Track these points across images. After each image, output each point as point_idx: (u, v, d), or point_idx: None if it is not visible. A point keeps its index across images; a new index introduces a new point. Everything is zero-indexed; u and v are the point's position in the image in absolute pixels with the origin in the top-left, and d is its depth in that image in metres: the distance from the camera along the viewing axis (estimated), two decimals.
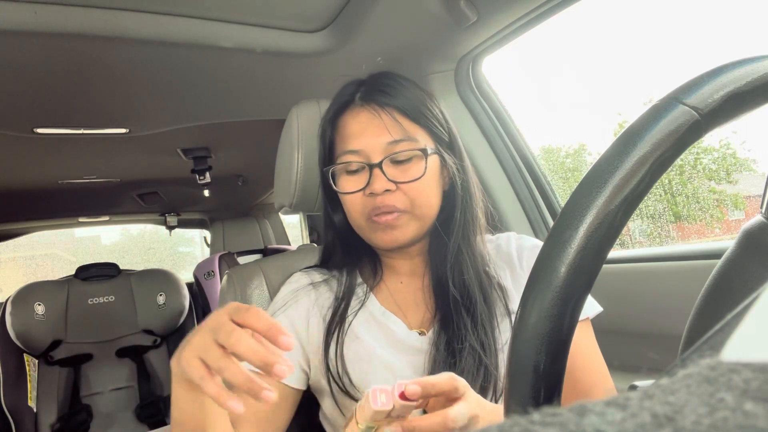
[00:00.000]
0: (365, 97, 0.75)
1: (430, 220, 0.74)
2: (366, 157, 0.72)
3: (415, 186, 0.71)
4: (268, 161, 1.14)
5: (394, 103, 0.73)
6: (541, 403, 0.31)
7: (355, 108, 0.75)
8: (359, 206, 0.73)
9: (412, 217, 0.71)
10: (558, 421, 0.11)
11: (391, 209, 0.70)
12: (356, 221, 0.75)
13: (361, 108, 0.75)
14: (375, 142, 0.72)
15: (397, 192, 0.71)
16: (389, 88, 0.74)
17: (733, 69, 0.32)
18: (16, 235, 2.94)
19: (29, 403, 2.07)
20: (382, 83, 0.76)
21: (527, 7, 0.94)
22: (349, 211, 0.75)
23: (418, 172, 0.71)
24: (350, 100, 0.77)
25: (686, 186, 1.56)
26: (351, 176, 0.74)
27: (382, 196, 0.70)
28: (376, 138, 0.72)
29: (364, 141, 0.72)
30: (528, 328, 0.31)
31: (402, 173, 0.71)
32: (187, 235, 4.04)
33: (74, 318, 2.30)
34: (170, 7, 0.95)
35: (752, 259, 0.44)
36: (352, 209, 0.74)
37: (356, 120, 0.74)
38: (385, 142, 0.71)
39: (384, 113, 0.73)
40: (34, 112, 1.29)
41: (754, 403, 0.11)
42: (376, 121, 0.73)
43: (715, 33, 1.42)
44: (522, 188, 1.21)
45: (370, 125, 0.73)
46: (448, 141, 0.77)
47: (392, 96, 0.73)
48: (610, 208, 0.30)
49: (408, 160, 0.71)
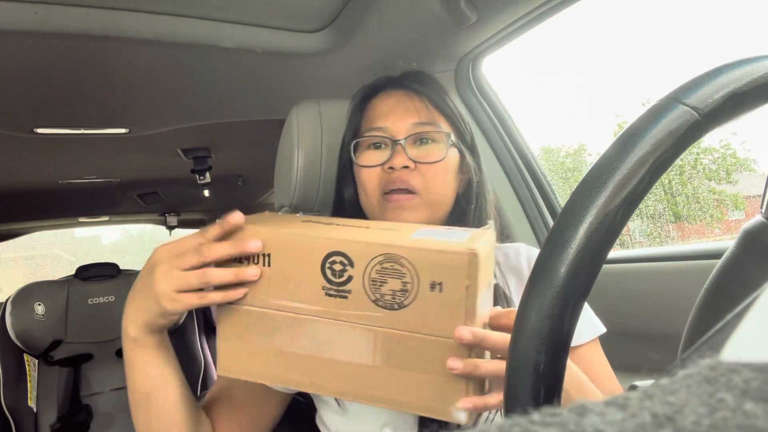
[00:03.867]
0: (396, 84, 0.78)
1: (440, 211, 0.74)
2: (391, 134, 0.73)
3: (433, 168, 0.71)
4: (268, 161, 1.14)
5: (425, 91, 0.75)
6: (541, 403, 0.31)
7: (387, 91, 0.78)
8: (375, 180, 0.73)
9: (423, 201, 0.71)
10: (558, 421, 0.11)
11: (406, 186, 0.70)
12: (369, 197, 0.74)
13: (392, 91, 0.77)
14: (401, 123, 0.73)
15: (415, 171, 0.71)
16: (421, 78, 0.77)
17: (733, 69, 0.32)
18: (16, 235, 2.94)
19: (29, 403, 2.07)
20: (413, 76, 0.79)
21: (527, 7, 0.94)
22: (364, 187, 0.75)
23: (438, 155, 0.72)
24: (382, 86, 0.79)
25: (686, 186, 1.56)
26: (373, 152, 0.74)
27: (399, 172, 0.71)
28: (403, 119, 0.73)
29: (390, 120, 0.74)
30: (528, 328, 0.31)
31: (422, 155, 0.72)
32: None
33: (74, 318, 2.30)
34: (170, 7, 0.94)
35: (752, 259, 0.44)
36: (368, 183, 0.74)
37: (385, 102, 0.76)
38: (411, 123, 0.73)
39: (415, 97, 0.75)
40: (34, 112, 1.29)
41: (754, 403, 0.11)
42: (406, 104, 0.74)
43: (715, 33, 1.42)
44: (522, 188, 1.21)
45: (399, 106, 0.74)
46: (469, 142, 0.78)
47: (424, 85, 0.76)
48: (610, 208, 0.30)
49: (431, 143, 0.73)
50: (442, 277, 0.50)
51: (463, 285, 0.49)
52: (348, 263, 0.53)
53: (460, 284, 0.49)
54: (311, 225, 0.58)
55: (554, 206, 1.19)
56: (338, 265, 0.53)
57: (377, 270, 0.52)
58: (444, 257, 0.50)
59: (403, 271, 0.51)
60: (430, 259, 0.50)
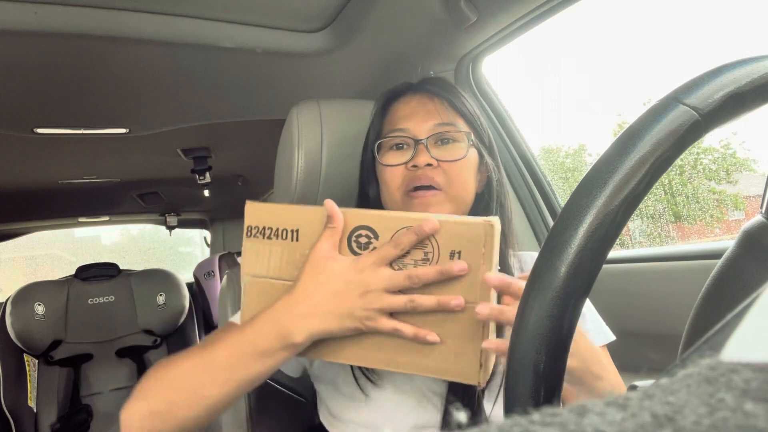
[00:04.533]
0: (418, 88, 0.80)
1: (463, 206, 0.75)
2: (413, 135, 0.75)
3: (455, 166, 0.73)
4: (268, 161, 1.14)
5: (446, 95, 0.77)
6: (541, 403, 0.31)
7: (408, 95, 0.80)
8: (399, 179, 0.74)
9: (447, 197, 0.73)
10: (558, 421, 0.11)
11: (430, 183, 0.72)
12: (393, 195, 0.75)
13: (413, 94, 0.79)
14: (423, 124, 0.75)
15: (438, 169, 0.73)
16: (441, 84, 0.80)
17: (733, 69, 0.32)
18: (16, 235, 2.94)
19: (29, 403, 2.07)
20: (432, 80, 0.81)
21: (527, 7, 0.94)
22: (387, 185, 0.76)
23: (460, 153, 0.74)
24: (403, 90, 0.81)
25: (686, 186, 1.56)
26: (395, 152, 0.76)
27: (423, 170, 0.72)
28: (425, 121, 0.75)
29: (413, 122, 0.75)
30: (528, 328, 0.31)
31: (444, 153, 0.74)
32: (187, 235, 4.03)
33: (74, 318, 2.30)
34: (170, 7, 0.94)
35: (752, 260, 0.44)
36: (392, 182, 0.75)
37: (408, 105, 0.78)
38: (432, 124, 0.75)
39: (437, 99, 0.77)
40: (34, 112, 1.29)
41: (754, 403, 0.11)
42: (428, 106, 0.76)
43: (714, 33, 1.42)
44: (522, 188, 1.21)
45: (421, 109, 0.76)
46: (487, 144, 0.80)
47: (444, 90, 0.78)
48: (610, 208, 0.30)
49: (452, 142, 0.75)
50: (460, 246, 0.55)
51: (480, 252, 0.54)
52: (373, 236, 0.57)
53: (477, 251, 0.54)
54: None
55: (554, 206, 1.19)
56: (363, 238, 0.58)
57: None
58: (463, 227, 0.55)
59: (424, 241, 0.55)
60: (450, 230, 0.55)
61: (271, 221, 0.60)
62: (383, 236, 0.57)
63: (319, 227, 0.58)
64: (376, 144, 0.77)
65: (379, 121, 0.80)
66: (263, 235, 0.60)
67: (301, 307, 0.57)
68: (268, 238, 0.60)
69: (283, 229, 0.60)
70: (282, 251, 0.60)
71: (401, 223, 0.56)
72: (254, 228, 0.61)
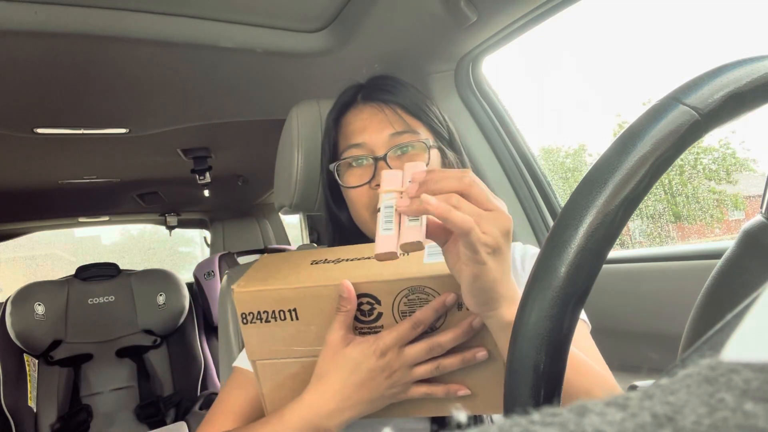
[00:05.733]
0: (367, 96, 0.77)
1: None
2: (370, 150, 0.73)
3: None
4: (268, 161, 1.14)
5: (396, 99, 0.75)
6: (541, 403, 0.31)
7: (358, 106, 0.77)
8: (365, 199, 0.73)
9: None
10: (558, 421, 0.11)
11: None
12: (361, 215, 0.75)
13: (363, 105, 0.77)
14: (378, 136, 0.73)
15: None
16: (390, 87, 0.77)
17: (733, 69, 0.32)
18: (16, 235, 2.94)
19: (29, 403, 2.07)
20: (382, 83, 0.78)
21: (527, 7, 0.94)
22: (354, 206, 0.75)
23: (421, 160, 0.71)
24: (352, 100, 0.79)
25: (686, 186, 1.56)
26: (355, 170, 0.74)
27: None
28: (380, 132, 0.73)
29: (367, 135, 0.74)
30: (528, 328, 0.31)
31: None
32: (187, 235, 4.03)
33: (74, 318, 2.30)
34: (170, 7, 0.94)
35: (752, 259, 0.44)
36: (358, 203, 0.74)
37: (359, 117, 0.76)
38: (388, 134, 0.73)
39: (387, 108, 0.74)
40: (34, 112, 1.29)
41: (754, 403, 0.11)
42: (379, 116, 0.74)
43: (714, 33, 1.42)
44: (522, 188, 1.21)
45: (373, 120, 0.74)
46: (448, 138, 0.78)
47: (393, 94, 0.76)
48: (610, 208, 0.30)
49: (411, 149, 0.73)
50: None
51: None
52: (375, 302, 0.55)
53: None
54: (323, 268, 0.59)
55: (554, 206, 1.19)
56: (366, 305, 0.55)
57: (405, 303, 0.54)
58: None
59: (429, 298, 0.54)
60: (453, 283, 0.52)
61: (265, 305, 0.57)
62: (385, 301, 0.55)
63: (315, 302, 0.56)
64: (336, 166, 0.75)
65: (333, 135, 0.79)
66: (261, 319, 0.57)
67: (330, 404, 0.56)
68: (266, 321, 0.57)
69: (280, 311, 0.57)
70: (284, 332, 0.58)
71: (401, 285, 0.54)
72: (249, 314, 0.58)
